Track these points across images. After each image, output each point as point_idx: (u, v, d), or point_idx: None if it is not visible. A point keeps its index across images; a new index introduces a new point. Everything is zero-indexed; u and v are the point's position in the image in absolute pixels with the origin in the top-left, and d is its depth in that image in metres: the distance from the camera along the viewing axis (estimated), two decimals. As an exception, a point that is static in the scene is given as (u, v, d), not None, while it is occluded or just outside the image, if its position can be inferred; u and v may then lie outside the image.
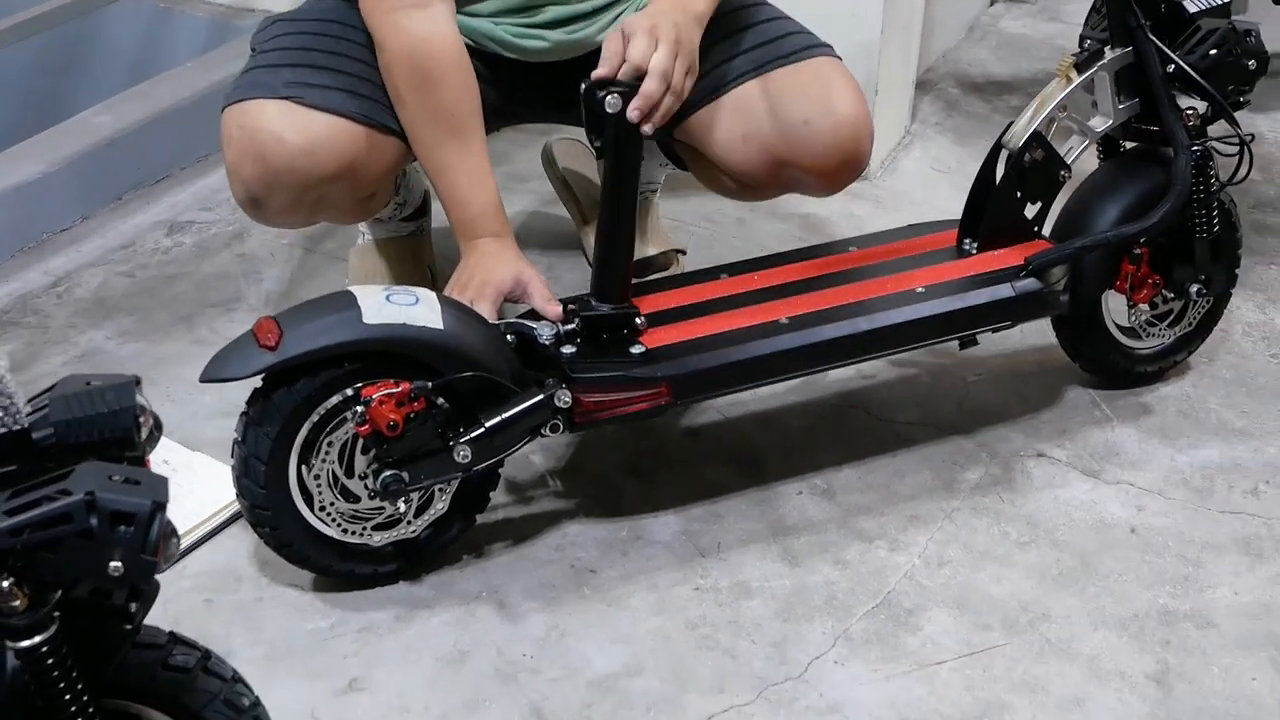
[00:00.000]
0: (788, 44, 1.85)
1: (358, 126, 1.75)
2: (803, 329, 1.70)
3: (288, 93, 1.73)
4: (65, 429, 1.15)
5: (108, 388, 1.17)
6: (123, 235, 2.39)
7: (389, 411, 1.53)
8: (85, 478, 1.10)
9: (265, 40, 1.84)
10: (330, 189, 1.77)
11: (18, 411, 1.14)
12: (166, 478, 1.15)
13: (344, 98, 1.75)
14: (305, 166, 1.72)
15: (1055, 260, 1.80)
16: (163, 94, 2.59)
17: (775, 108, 1.80)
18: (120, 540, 1.09)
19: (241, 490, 1.59)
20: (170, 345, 2.11)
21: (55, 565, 1.10)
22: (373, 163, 1.79)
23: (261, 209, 1.78)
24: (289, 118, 1.72)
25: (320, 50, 1.79)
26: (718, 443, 1.93)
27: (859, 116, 1.80)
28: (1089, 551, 1.75)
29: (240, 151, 1.73)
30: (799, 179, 1.85)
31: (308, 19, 1.86)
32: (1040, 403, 2.01)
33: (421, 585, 1.69)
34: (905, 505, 1.82)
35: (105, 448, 1.17)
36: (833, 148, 1.79)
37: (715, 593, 1.69)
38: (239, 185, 1.76)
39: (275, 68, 1.77)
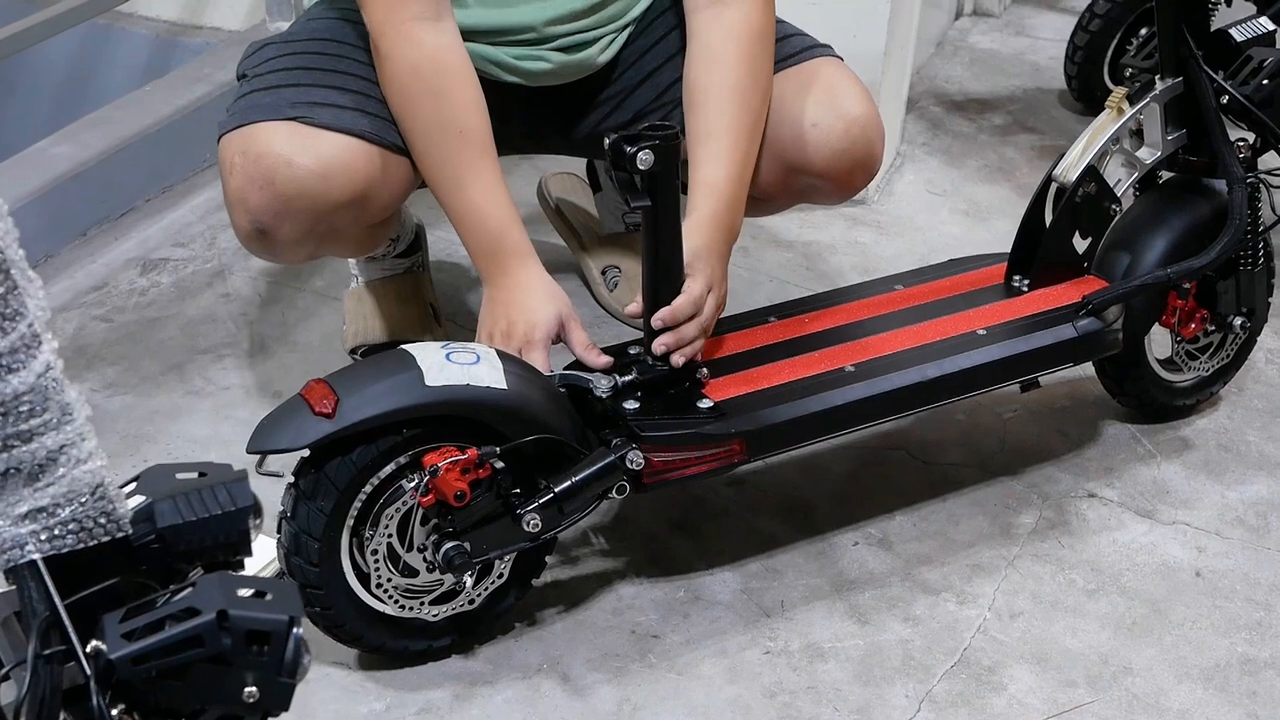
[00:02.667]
0: (788, 46, 1.78)
1: (371, 146, 1.64)
2: (870, 377, 1.62)
3: (294, 113, 1.61)
4: (174, 535, 1.03)
5: (219, 485, 1.06)
6: (93, 275, 2.23)
7: (455, 480, 1.42)
8: (212, 592, 0.99)
9: (258, 64, 1.72)
10: (342, 215, 1.65)
11: (121, 517, 1.02)
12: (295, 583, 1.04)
13: (354, 116, 1.64)
14: (319, 190, 1.60)
15: (1115, 299, 1.75)
16: (123, 120, 2.43)
17: (781, 112, 1.73)
18: (255, 662, 0.98)
19: (292, 569, 1.46)
20: (163, 398, 1.97)
21: (181, 693, 0.98)
22: (385, 186, 1.68)
23: (269, 241, 1.66)
24: (298, 139, 1.60)
25: (321, 69, 1.68)
26: (763, 492, 1.85)
27: (868, 115, 1.74)
28: (1158, 598, 1.71)
29: (246, 178, 1.60)
30: (811, 185, 1.78)
31: (302, 39, 1.74)
32: (1081, 439, 1.96)
33: (477, 659, 1.59)
34: (965, 554, 1.76)
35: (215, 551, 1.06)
36: (844, 150, 1.73)
37: (788, 655, 1.61)
38: (244, 216, 1.63)
39: (275, 89, 1.65)
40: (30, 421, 0.97)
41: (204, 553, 1.05)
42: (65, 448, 0.99)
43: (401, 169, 1.69)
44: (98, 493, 1.01)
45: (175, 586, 1.01)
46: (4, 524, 0.98)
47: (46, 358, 0.98)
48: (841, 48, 2.33)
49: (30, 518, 0.98)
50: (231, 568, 1.10)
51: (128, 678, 0.96)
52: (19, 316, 0.96)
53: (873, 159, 1.76)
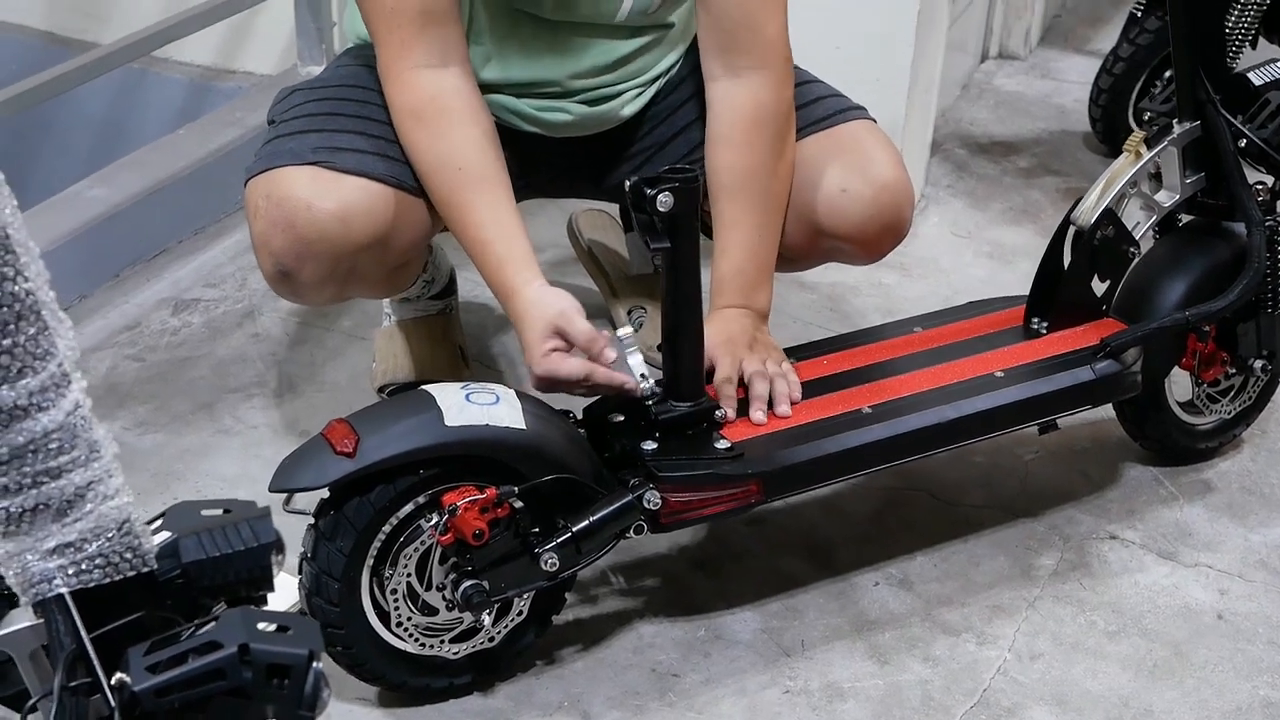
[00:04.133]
0: (820, 108, 1.79)
1: (390, 190, 1.66)
2: (888, 419, 1.63)
3: (315, 158, 1.64)
4: (198, 570, 1.06)
5: (241, 521, 1.08)
6: (126, 315, 2.27)
7: (474, 519, 1.44)
8: (234, 627, 1.01)
9: (285, 110, 1.75)
10: (363, 258, 1.67)
11: (146, 553, 1.04)
12: (315, 620, 1.06)
13: (374, 160, 1.67)
14: (338, 233, 1.63)
15: (1133, 341, 1.76)
16: (157, 163, 2.47)
17: (811, 176, 1.74)
18: (275, 696, 1.00)
19: (313, 609, 1.48)
20: (193, 436, 2.00)
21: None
22: (406, 228, 1.70)
23: (292, 282, 1.68)
24: (319, 184, 1.63)
25: (345, 115, 1.71)
26: (784, 531, 1.86)
27: (899, 181, 1.75)
28: (1180, 641, 1.71)
29: (269, 222, 1.63)
30: (838, 248, 1.79)
31: (329, 85, 1.77)
32: (1103, 481, 1.97)
33: (498, 696, 1.60)
34: (986, 594, 1.77)
35: (236, 588, 1.08)
36: (873, 216, 1.74)
37: (807, 695, 1.62)
38: (268, 258, 1.66)
39: (300, 134, 1.68)
40: (59, 459, 1.00)
41: (227, 588, 1.08)
42: (93, 484, 1.02)
43: (421, 212, 1.71)
44: (124, 528, 1.03)
45: (199, 621, 1.03)
46: (33, 558, 1.00)
47: (75, 396, 1.01)
48: (865, 91, 2.37)
49: (58, 552, 1.01)
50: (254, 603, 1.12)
51: (151, 709, 0.98)
52: (49, 356, 0.99)
53: (902, 224, 1.77)
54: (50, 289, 0.99)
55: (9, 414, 0.97)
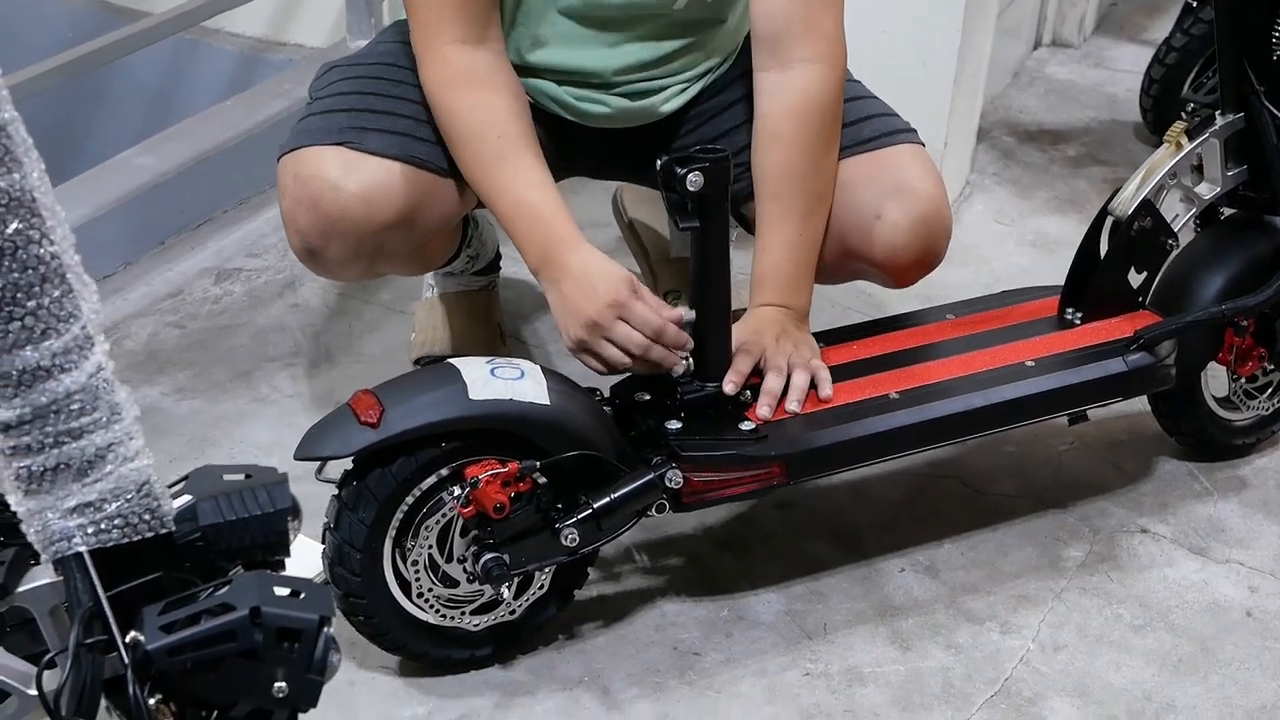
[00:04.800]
0: (868, 128, 1.75)
1: (415, 171, 1.67)
2: (915, 405, 1.63)
3: (342, 138, 1.65)
4: (215, 534, 1.07)
5: (259, 486, 1.09)
6: (169, 283, 2.30)
7: (495, 493, 1.45)
8: (247, 590, 1.02)
9: (321, 87, 1.75)
10: (389, 237, 1.68)
11: (165, 515, 1.06)
12: (329, 585, 1.07)
13: (402, 142, 1.67)
14: (361, 214, 1.64)
15: (1167, 334, 1.75)
16: (204, 133, 2.50)
17: (849, 198, 1.71)
18: (285, 658, 1.02)
19: (336, 579, 1.50)
20: (230, 403, 2.03)
21: (214, 685, 1.02)
22: (431, 209, 1.71)
23: (319, 260, 1.70)
24: (344, 164, 1.64)
25: (376, 94, 1.71)
26: (811, 515, 1.86)
27: (936, 213, 1.72)
28: (1207, 637, 1.70)
29: (294, 200, 1.65)
30: (865, 271, 1.77)
31: (364, 63, 1.77)
32: (1136, 474, 1.95)
33: (518, 669, 1.62)
34: (1012, 584, 1.76)
35: (253, 552, 1.09)
36: (906, 247, 1.71)
37: (827, 679, 1.62)
38: (295, 235, 1.67)
39: (330, 114, 1.69)
40: (80, 419, 1.01)
41: (244, 551, 1.09)
42: (113, 446, 1.03)
43: (448, 192, 1.71)
44: (143, 490, 1.05)
45: (214, 583, 1.05)
46: (53, 517, 1.02)
47: (98, 359, 1.02)
48: (911, 76, 2.37)
49: (78, 512, 1.02)
50: (271, 567, 1.13)
51: (163, 668, 1.00)
52: (73, 319, 1.00)
53: (935, 256, 1.75)
54: (76, 253, 1.00)
55: (32, 374, 0.99)
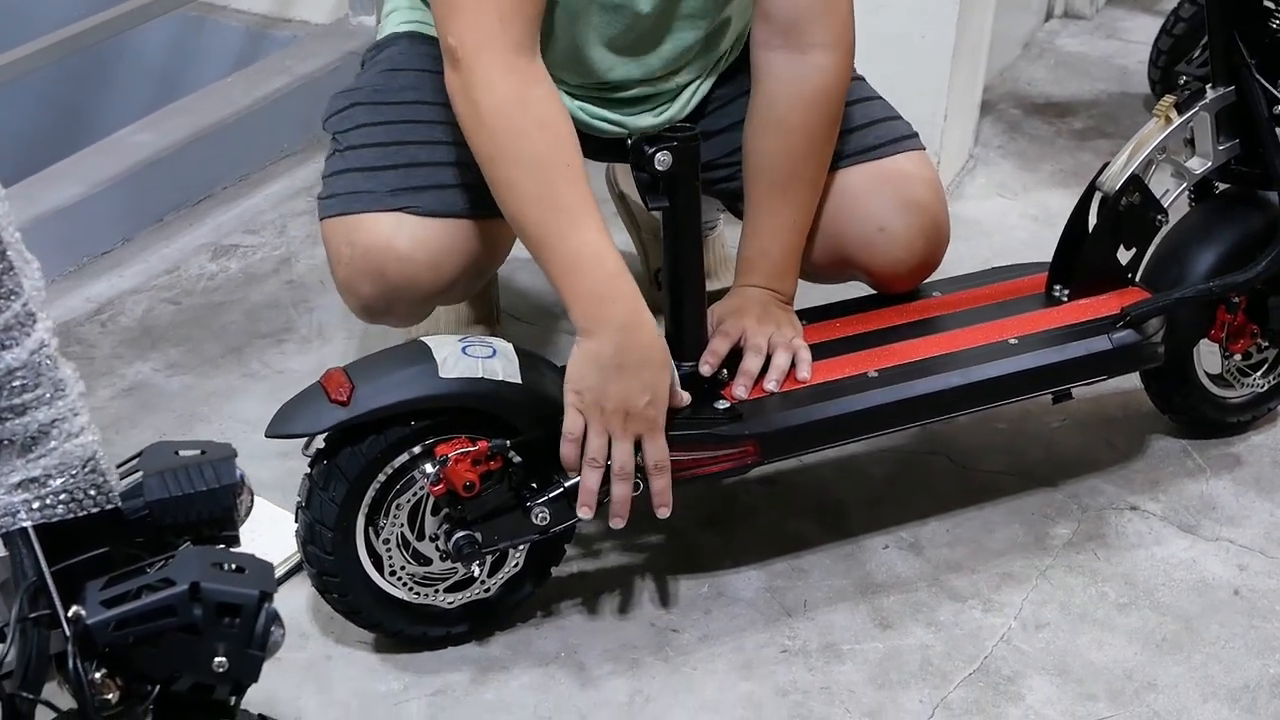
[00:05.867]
0: (871, 135, 1.73)
1: (474, 223, 1.63)
2: (893, 384, 1.61)
3: (398, 203, 1.59)
4: (161, 509, 1.08)
5: (205, 463, 1.10)
6: (166, 259, 2.31)
7: (465, 471, 1.45)
8: (188, 565, 1.03)
9: (348, 129, 1.66)
10: (455, 290, 1.68)
11: (110, 490, 1.07)
12: (271, 562, 1.08)
13: (457, 195, 1.61)
14: (429, 279, 1.62)
15: (1154, 311, 1.72)
16: (204, 110, 2.51)
17: (850, 207, 1.70)
18: (226, 634, 1.02)
19: (308, 557, 1.51)
20: (221, 379, 2.03)
21: (156, 659, 1.03)
22: (496, 251, 1.70)
23: (380, 318, 1.69)
24: (406, 232, 1.59)
25: (416, 142, 1.63)
26: (796, 491, 1.85)
27: (937, 226, 1.72)
28: (1192, 615, 1.68)
29: (355, 271, 1.61)
30: (861, 278, 1.77)
31: (390, 102, 1.67)
32: (1129, 451, 1.94)
33: (495, 645, 1.62)
34: (997, 562, 1.75)
35: (200, 527, 1.10)
36: (905, 260, 1.71)
37: (805, 655, 1.62)
38: (356, 302, 1.65)
39: (373, 171, 1.62)
40: (23, 396, 1.02)
41: (190, 527, 1.10)
42: (57, 422, 1.03)
43: (506, 230, 1.61)
44: (88, 466, 1.05)
45: (158, 558, 1.05)
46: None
47: (40, 336, 1.03)
48: (910, 49, 2.35)
49: (23, 487, 1.03)
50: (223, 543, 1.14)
51: (105, 642, 1.01)
52: (14, 296, 1.00)
53: (932, 265, 1.76)
54: (15, 230, 1.01)
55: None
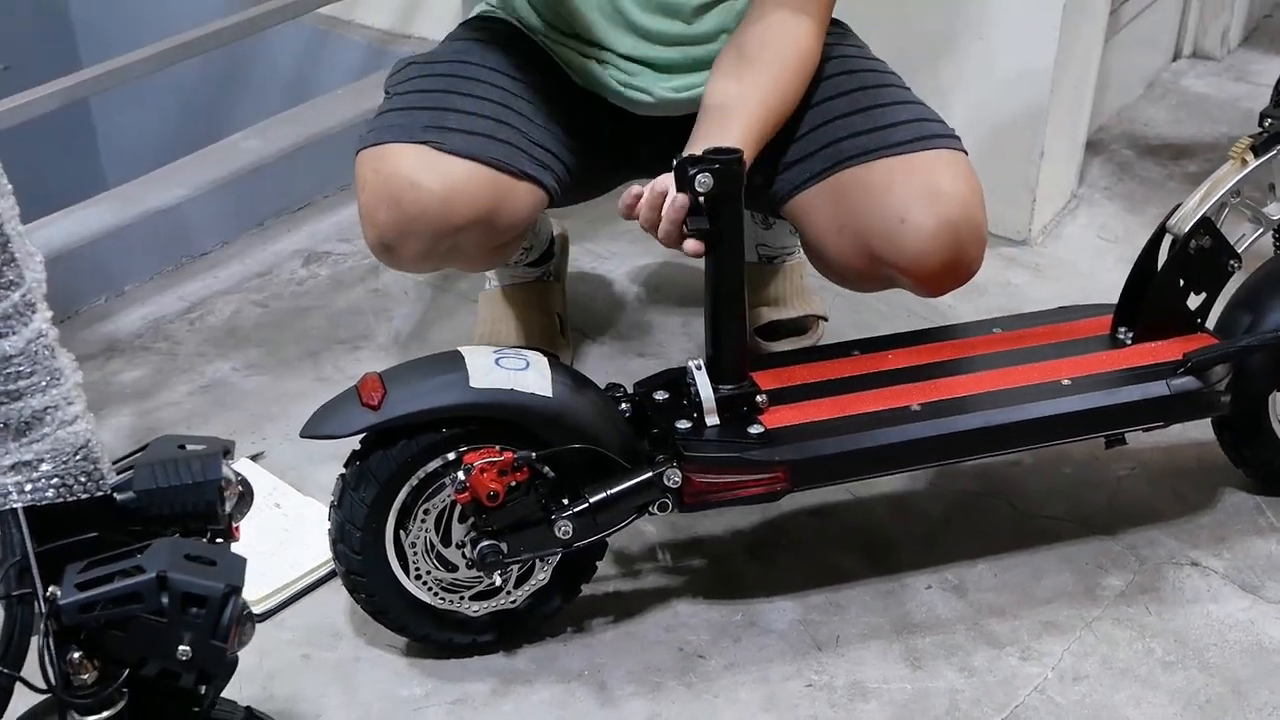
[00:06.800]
0: (901, 132, 1.70)
1: (496, 174, 1.69)
2: (935, 418, 1.59)
3: (425, 137, 1.67)
4: (148, 498, 1.11)
5: (194, 457, 1.13)
6: (260, 263, 2.38)
7: (490, 480, 1.47)
8: (160, 555, 1.06)
9: (400, 82, 1.79)
10: (464, 237, 1.71)
11: (101, 477, 1.10)
12: (245, 558, 1.10)
13: (483, 143, 1.69)
14: (441, 214, 1.66)
15: (1218, 358, 1.67)
16: (312, 120, 2.58)
17: (874, 200, 1.67)
18: (190, 624, 1.05)
19: (337, 555, 1.54)
20: (294, 382, 2.09)
21: (124, 643, 1.06)
22: (509, 211, 1.72)
23: (394, 255, 1.73)
24: (426, 163, 1.66)
25: (458, 93, 1.73)
26: (845, 526, 1.83)
27: (964, 219, 1.65)
28: (1242, 679, 1.61)
29: (375, 196, 1.68)
30: (894, 278, 1.72)
31: (443, 60, 1.80)
32: (1198, 504, 1.87)
33: (521, 657, 1.63)
34: (1042, 609, 1.70)
35: (187, 520, 1.13)
36: (931, 252, 1.64)
37: (829, 691, 1.59)
38: (372, 230, 1.70)
39: (411, 110, 1.71)
40: (19, 382, 1.06)
41: (178, 519, 1.13)
42: (51, 409, 1.07)
43: (529, 195, 1.72)
44: (81, 453, 1.09)
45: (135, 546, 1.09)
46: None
47: (38, 325, 1.07)
48: (1007, 83, 2.32)
49: (15, 470, 1.07)
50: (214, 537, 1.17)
51: (76, 624, 1.04)
52: (14, 286, 1.04)
53: (964, 265, 1.68)
54: (19, 223, 1.05)
55: (-30, 338, 1.04)
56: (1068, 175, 2.55)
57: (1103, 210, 2.58)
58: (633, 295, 2.32)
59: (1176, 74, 3.10)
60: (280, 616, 1.69)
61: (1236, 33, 3.16)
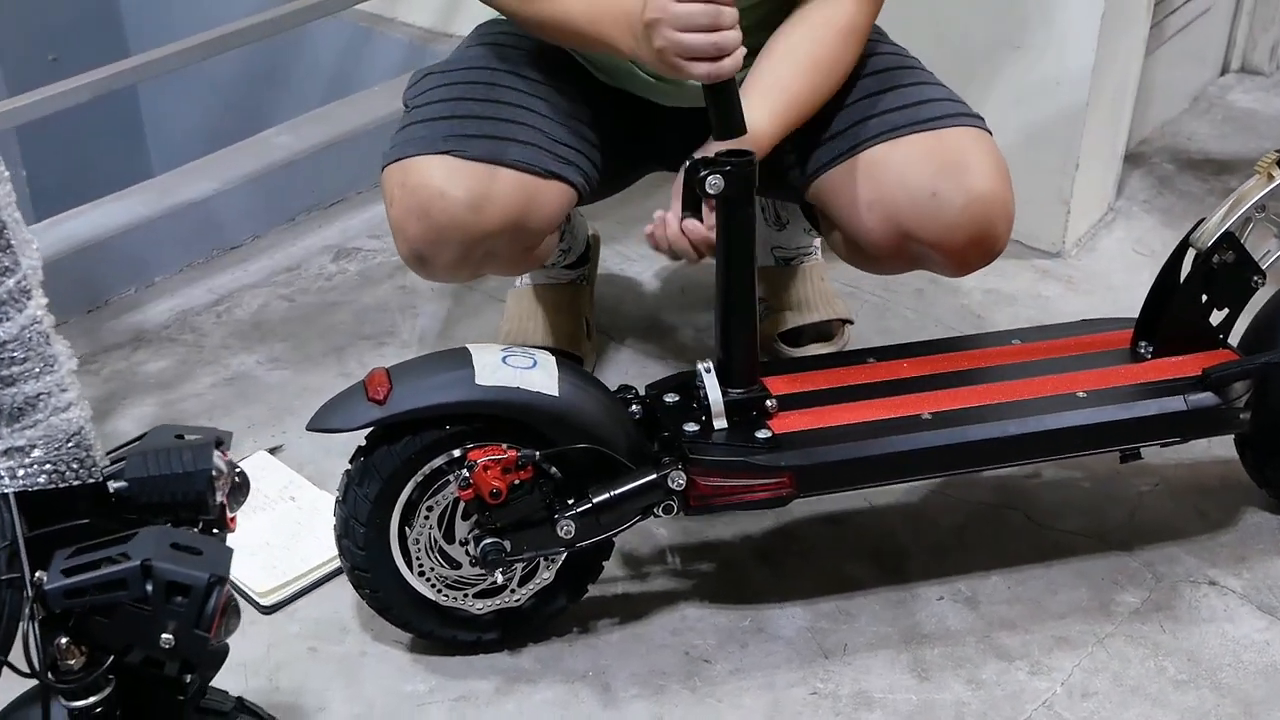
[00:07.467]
0: (929, 110, 1.72)
1: (522, 176, 1.69)
2: (945, 427, 1.58)
3: (448, 147, 1.67)
4: (139, 487, 1.12)
5: (186, 447, 1.14)
6: (290, 257, 2.40)
7: (493, 478, 1.47)
8: (146, 543, 1.07)
9: (418, 95, 1.79)
10: (496, 242, 1.71)
11: (93, 464, 1.11)
12: (231, 549, 1.11)
13: (505, 146, 1.69)
14: (471, 221, 1.66)
15: (1237, 374, 1.64)
16: (346, 117, 2.60)
17: (904, 175, 1.67)
18: (174, 612, 1.06)
19: (341, 550, 1.55)
20: (317, 376, 2.10)
21: (109, 630, 1.07)
22: (539, 211, 1.72)
23: (428, 266, 1.73)
24: (451, 172, 1.66)
25: (475, 99, 1.73)
26: (859, 533, 1.82)
27: (994, 194, 1.66)
28: (1254, 700, 1.59)
29: (404, 210, 1.68)
30: (924, 254, 1.71)
31: (459, 67, 1.80)
32: (1219, 523, 1.84)
33: (526, 657, 1.63)
34: (1054, 624, 1.68)
35: (179, 509, 1.14)
36: (960, 225, 1.65)
37: (834, 699, 1.58)
38: (404, 244, 1.71)
39: (431, 122, 1.71)
40: (12, 368, 1.07)
41: (168, 508, 1.14)
42: (44, 396, 1.08)
43: (555, 194, 1.73)
44: (73, 440, 1.10)
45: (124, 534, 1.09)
46: (-18, 458, 1.09)
47: (33, 312, 1.08)
48: (1044, 93, 2.30)
49: (6, 455, 1.08)
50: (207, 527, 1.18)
51: (58, 608, 1.05)
52: (9, 273, 1.06)
53: (992, 240, 1.68)
54: (17, 209, 1.06)
55: (-35, 322, 1.05)
56: (1105, 187, 2.52)
57: (1140, 224, 2.55)
58: (659, 298, 2.32)
59: (1223, 88, 3.06)
60: (290, 609, 1.70)
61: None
